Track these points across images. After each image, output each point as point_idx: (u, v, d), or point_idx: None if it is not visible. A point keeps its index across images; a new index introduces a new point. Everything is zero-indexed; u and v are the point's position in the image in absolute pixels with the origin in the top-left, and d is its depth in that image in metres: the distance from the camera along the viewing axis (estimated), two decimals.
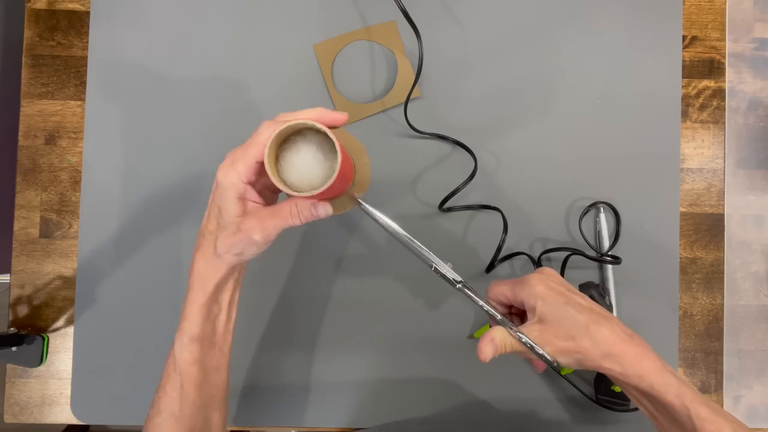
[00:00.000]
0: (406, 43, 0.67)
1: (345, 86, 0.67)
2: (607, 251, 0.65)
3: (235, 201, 0.41)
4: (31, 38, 0.67)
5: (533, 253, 0.65)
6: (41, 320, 0.66)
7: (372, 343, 0.65)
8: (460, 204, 0.65)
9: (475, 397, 0.65)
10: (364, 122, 0.67)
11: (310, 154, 0.40)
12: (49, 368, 0.65)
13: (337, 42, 0.67)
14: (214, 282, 0.44)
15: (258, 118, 0.66)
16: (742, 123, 0.68)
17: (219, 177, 0.41)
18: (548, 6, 0.68)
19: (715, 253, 0.67)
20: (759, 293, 0.67)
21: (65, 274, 0.66)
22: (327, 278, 0.65)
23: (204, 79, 0.66)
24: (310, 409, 0.65)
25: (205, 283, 0.44)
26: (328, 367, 0.65)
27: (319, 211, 0.43)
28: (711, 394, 0.66)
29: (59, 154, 0.66)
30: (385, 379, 0.65)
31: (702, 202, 0.68)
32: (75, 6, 0.67)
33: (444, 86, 0.67)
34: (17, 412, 0.65)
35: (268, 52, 0.67)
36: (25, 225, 0.66)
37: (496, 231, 0.63)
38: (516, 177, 0.66)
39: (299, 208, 0.42)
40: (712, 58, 0.69)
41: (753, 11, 0.69)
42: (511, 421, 0.65)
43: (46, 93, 0.67)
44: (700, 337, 0.67)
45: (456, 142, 0.65)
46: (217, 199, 0.42)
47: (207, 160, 0.66)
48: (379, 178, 0.66)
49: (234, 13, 0.67)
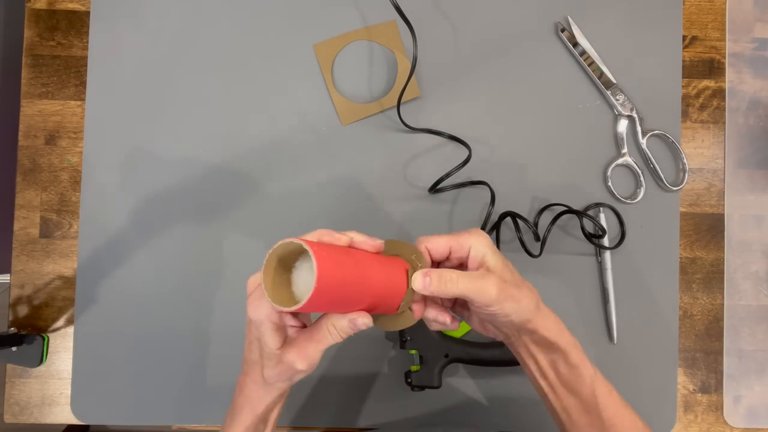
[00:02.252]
0: (407, 44, 0.67)
1: (345, 86, 0.67)
2: (616, 245, 0.64)
3: (272, 333, 0.40)
4: (31, 38, 0.67)
5: None
6: (41, 320, 0.66)
7: (362, 339, 0.65)
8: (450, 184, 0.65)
9: (471, 394, 0.65)
10: (363, 121, 0.67)
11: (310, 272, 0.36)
12: (49, 368, 0.65)
13: (337, 42, 0.67)
14: (265, 404, 0.44)
15: (258, 118, 0.66)
16: (742, 123, 0.68)
17: (251, 314, 0.40)
18: (548, 6, 0.68)
19: (715, 253, 0.67)
20: (759, 293, 0.67)
21: (65, 274, 0.66)
22: None
23: (204, 79, 0.66)
24: (304, 408, 0.65)
25: (255, 406, 0.44)
26: (321, 365, 0.65)
27: (359, 324, 0.40)
28: (711, 394, 0.66)
29: (59, 154, 0.66)
30: (378, 379, 0.65)
31: (702, 202, 0.68)
32: (75, 6, 0.67)
33: (444, 86, 0.67)
34: (17, 412, 0.65)
35: (268, 52, 0.67)
36: (25, 225, 0.66)
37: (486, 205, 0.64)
38: (514, 175, 0.66)
39: (337, 328, 0.40)
40: (712, 58, 0.69)
41: (753, 11, 0.69)
42: (502, 421, 0.65)
43: (46, 93, 0.67)
44: (700, 337, 0.67)
45: (451, 137, 0.65)
46: (254, 332, 0.41)
47: (207, 160, 0.66)
48: (377, 175, 0.66)
49: (234, 13, 0.67)
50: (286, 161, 0.66)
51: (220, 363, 0.65)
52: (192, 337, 0.65)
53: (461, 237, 0.43)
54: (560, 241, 0.66)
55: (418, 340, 0.61)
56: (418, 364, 0.61)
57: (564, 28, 0.67)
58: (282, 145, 0.66)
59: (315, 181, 0.66)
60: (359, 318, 0.40)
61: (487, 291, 0.40)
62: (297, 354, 0.40)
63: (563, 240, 0.66)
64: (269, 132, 0.66)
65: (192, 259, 0.65)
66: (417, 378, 0.60)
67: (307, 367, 0.41)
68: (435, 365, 0.60)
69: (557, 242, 0.66)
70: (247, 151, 0.66)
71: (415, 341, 0.61)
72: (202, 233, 0.65)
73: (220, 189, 0.66)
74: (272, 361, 0.41)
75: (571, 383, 0.44)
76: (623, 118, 0.67)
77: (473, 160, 0.64)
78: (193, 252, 0.65)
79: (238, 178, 0.66)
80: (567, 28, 0.67)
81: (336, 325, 0.40)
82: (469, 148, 0.64)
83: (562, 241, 0.66)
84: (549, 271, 0.66)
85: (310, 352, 0.40)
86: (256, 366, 0.43)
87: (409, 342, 0.61)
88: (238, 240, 0.65)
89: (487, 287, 0.40)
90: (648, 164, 0.67)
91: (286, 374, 0.42)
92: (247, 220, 0.66)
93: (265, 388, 0.43)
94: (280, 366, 0.41)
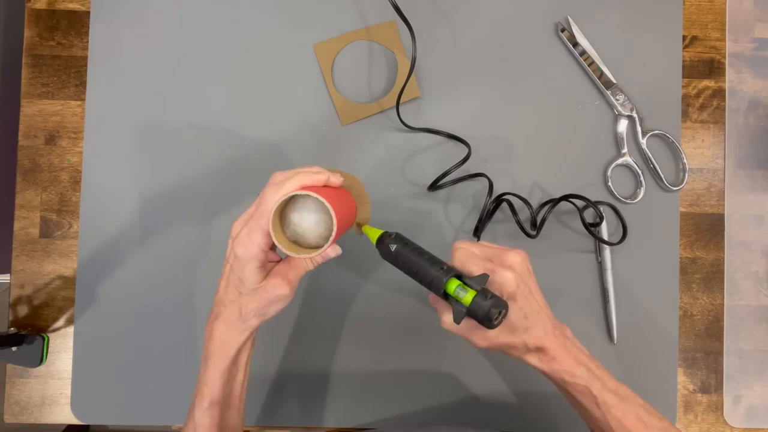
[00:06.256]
0: (406, 44, 0.67)
1: (345, 86, 0.67)
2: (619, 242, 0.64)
3: (256, 271, 0.44)
4: (31, 38, 0.67)
5: None
6: (41, 320, 0.66)
7: (366, 338, 0.65)
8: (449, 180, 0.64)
9: (471, 392, 0.65)
10: (363, 121, 0.67)
11: (311, 217, 0.43)
12: (49, 368, 0.65)
13: (337, 42, 0.67)
14: (236, 346, 0.46)
15: (258, 118, 0.66)
16: (742, 123, 0.68)
17: (239, 252, 0.44)
18: (548, 6, 0.68)
19: (715, 253, 0.67)
20: (759, 293, 0.67)
21: (65, 274, 0.66)
22: (326, 278, 0.65)
23: (204, 78, 0.66)
24: (304, 409, 0.65)
25: (227, 348, 0.46)
26: (322, 365, 0.65)
27: (329, 253, 0.46)
28: (711, 394, 0.66)
29: (59, 154, 0.66)
30: (377, 377, 0.65)
31: (702, 202, 0.68)
32: (75, 6, 0.67)
33: (443, 86, 0.67)
34: (17, 412, 0.65)
35: (268, 52, 0.67)
36: (25, 225, 0.66)
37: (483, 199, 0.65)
38: (513, 175, 0.66)
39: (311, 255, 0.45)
40: (712, 58, 0.69)
41: (753, 11, 0.69)
42: (507, 417, 0.65)
43: (46, 93, 0.67)
44: (700, 337, 0.67)
45: (450, 135, 0.65)
46: (237, 271, 0.44)
47: (207, 160, 0.66)
48: (376, 174, 0.66)
49: (234, 13, 0.67)
50: (286, 161, 0.66)
51: None
52: (192, 337, 0.65)
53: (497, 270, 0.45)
54: (560, 240, 0.66)
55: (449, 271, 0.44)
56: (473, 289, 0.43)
57: (564, 28, 0.67)
58: (282, 145, 0.66)
59: None
60: (329, 249, 0.46)
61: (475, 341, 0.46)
62: (280, 281, 0.45)
63: (563, 240, 0.66)
64: (269, 132, 0.66)
65: (192, 259, 0.65)
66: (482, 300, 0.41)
67: (289, 291, 0.45)
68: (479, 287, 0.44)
69: (557, 242, 0.66)
70: (247, 151, 0.66)
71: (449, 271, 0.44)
72: (202, 233, 0.65)
73: (220, 189, 0.66)
74: (253, 295, 0.45)
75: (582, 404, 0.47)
76: (623, 118, 0.67)
77: (472, 159, 0.64)
78: (193, 252, 0.65)
79: (238, 178, 0.66)
80: (567, 28, 0.67)
81: None
82: (468, 146, 0.64)
83: (563, 241, 0.66)
84: (549, 271, 0.66)
85: (291, 278, 0.45)
86: (231, 305, 0.45)
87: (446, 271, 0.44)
88: None
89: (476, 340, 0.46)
90: (648, 164, 0.67)
91: (265, 306, 0.45)
92: None
93: (238, 327, 0.45)
94: (261, 296, 0.45)
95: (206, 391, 0.46)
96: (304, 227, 0.43)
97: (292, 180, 0.43)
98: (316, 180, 0.44)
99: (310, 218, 0.43)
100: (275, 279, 0.45)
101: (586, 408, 0.46)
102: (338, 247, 0.47)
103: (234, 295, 0.45)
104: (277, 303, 0.45)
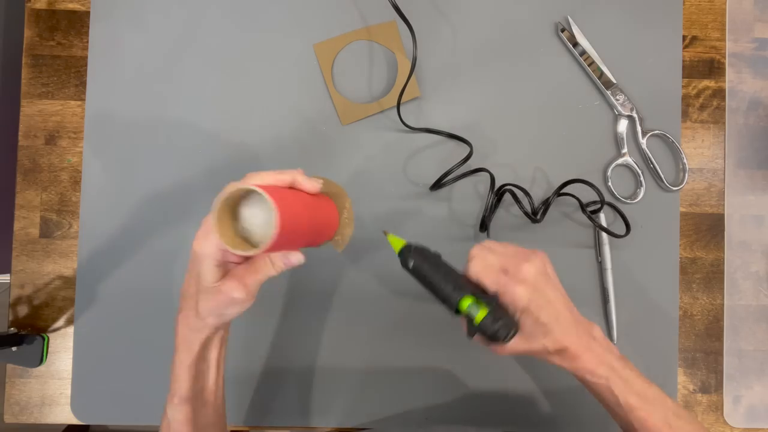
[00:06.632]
0: (407, 44, 0.67)
1: (345, 86, 0.67)
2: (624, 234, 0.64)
3: (212, 268, 0.42)
4: (31, 38, 0.67)
5: None
6: (41, 320, 0.66)
7: (366, 336, 0.65)
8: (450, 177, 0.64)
9: (471, 390, 0.65)
10: (363, 121, 0.67)
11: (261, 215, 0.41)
12: (49, 368, 0.65)
13: (337, 42, 0.67)
14: (198, 342, 0.45)
15: (258, 118, 0.66)
16: (742, 123, 0.68)
17: (195, 248, 0.42)
18: (548, 6, 0.68)
19: (715, 253, 0.67)
20: (759, 293, 0.67)
21: (65, 274, 0.66)
22: (323, 273, 0.65)
23: (204, 78, 0.66)
24: (304, 408, 0.65)
25: (190, 344, 0.45)
26: (321, 364, 0.65)
27: (292, 260, 0.44)
28: (711, 394, 0.66)
29: (59, 154, 0.66)
30: (377, 376, 0.65)
31: (702, 202, 0.68)
32: (75, 6, 0.67)
33: (444, 86, 0.67)
34: (17, 412, 0.65)
35: (268, 52, 0.67)
36: (25, 225, 0.66)
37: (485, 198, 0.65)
38: (514, 176, 0.66)
39: (272, 260, 0.43)
40: (712, 58, 0.69)
41: (753, 11, 0.69)
42: (509, 417, 0.65)
43: (46, 93, 0.67)
44: (700, 337, 0.67)
45: (451, 135, 0.65)
46: (196, 266, 0.43)
47: (207, 160, 0.66)
48: (377, 174, 0.66)
49: (234, 13, 0.67)
50: (286, 161, 0.66)
51: None
52: None
53: (510, 284, 0.45)
54: (560, 241, 0.66)
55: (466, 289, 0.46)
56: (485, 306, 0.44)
57: (564, 28, 0.67)
58: (282, 145, 0.66)
59: None
60: (292, 254, 0.44)
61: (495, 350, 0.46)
62: (236, 284, 0.42)
63: (563, 240, 0.66)
64: (269, 132, 0.66)
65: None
66: (491, 322, 0.43)
67: (244, 295, 0.42)
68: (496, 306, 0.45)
69: (557, 241, 0.66)
70: (247, 150, 0.66)
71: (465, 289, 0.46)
72: None
73: (220, 189, 0.65)
74: (208, 294, 0.43)
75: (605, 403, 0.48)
76: (623, 118, 0.67)
77: (473, 159, 0.64)
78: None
79: (238, 178, 0.66)
80: (567, 28, 0.67)
81: (272, 258, 0.43)
82: (470, 144, 0.64)
83: (563, 240, 0.66)
84: None
85: (248, 282, 0.42)
86: (191, 300, 0.44)
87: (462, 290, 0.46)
88: None
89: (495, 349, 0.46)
90: (648, 164, 0.67)
91: (220, 307, 0.43)
92: None
93: (197, 324, 0.44)
94: (216, 297, 0.42)
95: (175, 387, 0.46)
96: (253, 224, 0.41)
97: (253, 177, 0.41)
98: (278, 179, 0.42)
99: (259, 216, 0.41)
100: (231, 281, 0.42)
101: (611, 407, 0.46)
102: (300, 255, 0.44)
103: (193, 289, 0.44)
104: (233, 306, 0.43)
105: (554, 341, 0.45)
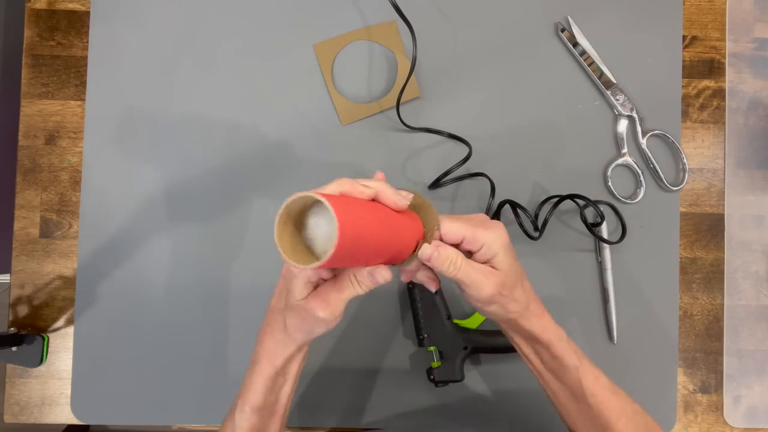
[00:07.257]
0: (406, 44, 0.67)
1: (345, 86, 0.67)
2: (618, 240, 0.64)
3: (302, 286, 0.41)
4: (31, 38, 0.67)
5: None
6: (41, 320, 0.66)
7: (367, 337, 0.65)
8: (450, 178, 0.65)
9: (471, 391, 0.65)
10: (363, 121, 0.67)
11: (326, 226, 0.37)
12: (49, 368, 0.65)
13: (337, 42, 0.67)
14: (283, 357, 0.45)
15: (258, 118, 0.66)
16: (742, 123, 0.68)
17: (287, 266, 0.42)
18: (548, 6, 0.68)
19: (715, 253, 0.67)
20: (759, 293, 0.67)
21: (65, 274, 0.66)
22: None
23: (203, 79, 0.66)
24: (304, 409, 0.65)
25: (273, 357, 0.45)
26: (321, 364, 0.65)
27: (377, 278, 0.40)
28: (711, 394, 0.66)
29: (59, 154, 0.66)
30: (378, 376, 0.65)
31: (702, 202, 0.68)
32: (75, 6, 0.67)
33: (443, 86, 0.67)
34: (17, 412, 0.65)
35: (268, 52, 0.67)
36: (25, 225, 0.66)
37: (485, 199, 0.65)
38: (514, 176, 0.66)
39: (358, 278, 0.41)
40: (712, 58, 0.69)
41: (753, 11, 0.69)
42: (509, 419, 0.65)
43: (46, 93, 0.67)
44: (700, 337, 0.67)
45: (451, 135, 0.65)
46: (287, 281, 0.42)
47: (207, 160, 0.66)
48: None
49: (234, 13, 0.67)
50: (286, 161, 0.66)
51: (219, 363, 0.65)
52: (191, 337, 0.65)
53: (477, 232, 0.42)
54: (561, 241, 0.66)
55: (435, 336, 0.62)
56: (439, 360, 0.61)
57: (564, 28, 0.67)
58: (282, 144, 0.66)
59: (315, 180, 0.66)
60: (378, 271, 0.40)
61: (482, 289, 0.42)
62: (320, 302, 0.41)
63: (563, 240, 0.66)
64: (269, 132, 0.66)
65: (191, 258, 0.65)
66: (439, 374, 0.61)
67: (329, 315, 0.41)
68: (456, 359, 0.61)
69: (557, 241, 0.66)
70: (247, 151, 0.66)
71: (432, 338, 0.62)
72: (202, 233, 0.65)
73: (220, 189, 0.66)
74: (295, 310, 0.42)
75: (556, 371, 0.47)
76: (623, 118, 0.67)
77: (473, 159, 0.64)
78: (192, 252, 0.65)
79: (238, 178, 0.66)
80: (567, 28, 0.67)
81: (357, 276, 0.41)
82: (469, 145, 0.64)
83: (563, 242, 0.66)
84: (549, 271, 0.66)
85: (332, 301, 0.41)
86: (279, 315, 0.43)
87: (427, 339, 0.62)
88: (238, 240, 0.65)
89: (484, 286, 0.42)
90: (648, 164, 0.67)
91: (307, 324, 0.42)
92: (247, 220, 0.66)
93: (284, 339, 0.44)
94: (303, 314, 0.41)
95: (248, 396, 0.45)
96: (316, 234, 0.38)
97: (331, 184, 0.38)
98: (359, 191, 0.38)
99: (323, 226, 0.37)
100: (315, 300, 0.41)
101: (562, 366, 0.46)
102: (387, 272, 0.41)
103: (282, 305, 0.43)
104: (318, 325, 0.42)
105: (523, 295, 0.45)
